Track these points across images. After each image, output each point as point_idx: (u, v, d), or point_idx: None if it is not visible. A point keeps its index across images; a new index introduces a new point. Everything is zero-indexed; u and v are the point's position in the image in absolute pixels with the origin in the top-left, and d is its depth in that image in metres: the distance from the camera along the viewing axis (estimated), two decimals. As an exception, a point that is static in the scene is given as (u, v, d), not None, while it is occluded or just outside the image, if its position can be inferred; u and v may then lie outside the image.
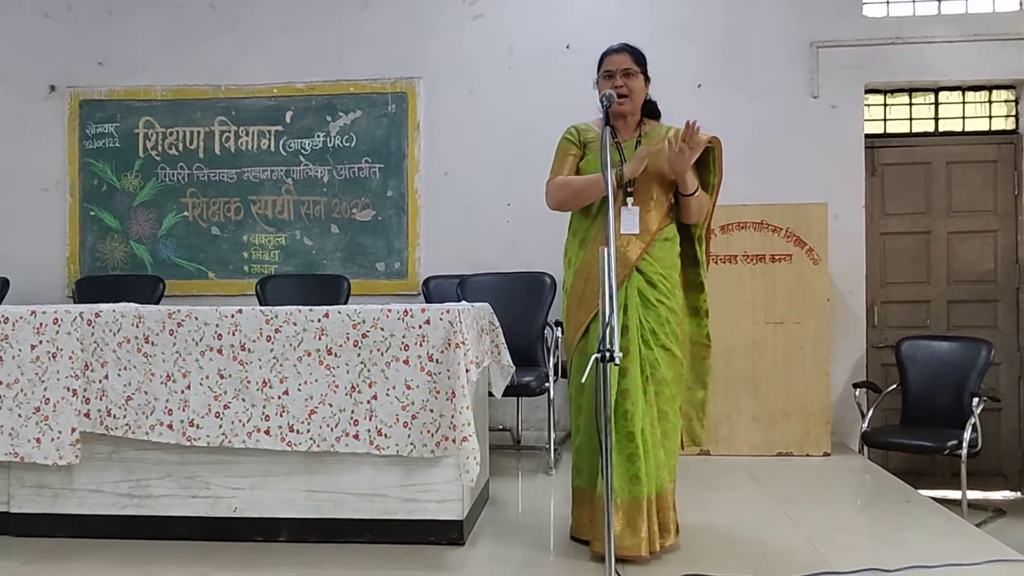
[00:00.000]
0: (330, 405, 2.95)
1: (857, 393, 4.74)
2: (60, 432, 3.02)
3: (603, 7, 5.23)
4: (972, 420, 4.15)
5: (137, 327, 3.05)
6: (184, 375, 3.01)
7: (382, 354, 2.94)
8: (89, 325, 3.07)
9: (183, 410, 3.00)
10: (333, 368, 2.96)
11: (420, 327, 2.93)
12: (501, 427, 5.07)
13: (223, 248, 5.48)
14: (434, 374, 2.91)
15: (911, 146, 5.26)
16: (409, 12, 5.37)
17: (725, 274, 4.50)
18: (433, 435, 2.89)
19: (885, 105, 5.31)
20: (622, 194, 2.87)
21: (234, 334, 3.00)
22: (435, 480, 2.96)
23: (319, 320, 2.98)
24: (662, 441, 2.83)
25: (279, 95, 5.44)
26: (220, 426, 2.98)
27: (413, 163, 5.36)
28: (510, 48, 5.31)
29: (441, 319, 2.93)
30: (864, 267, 5.09)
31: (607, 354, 2.29)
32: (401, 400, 2.92)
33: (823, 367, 4.54)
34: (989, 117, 5.26)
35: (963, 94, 5.26)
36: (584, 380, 2.57)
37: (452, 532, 2.97)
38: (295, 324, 2.98)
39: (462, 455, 2.78)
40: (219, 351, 3.00)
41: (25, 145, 5.59)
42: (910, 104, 5.30)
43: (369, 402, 2.93)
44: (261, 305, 4.34)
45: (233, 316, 3.01)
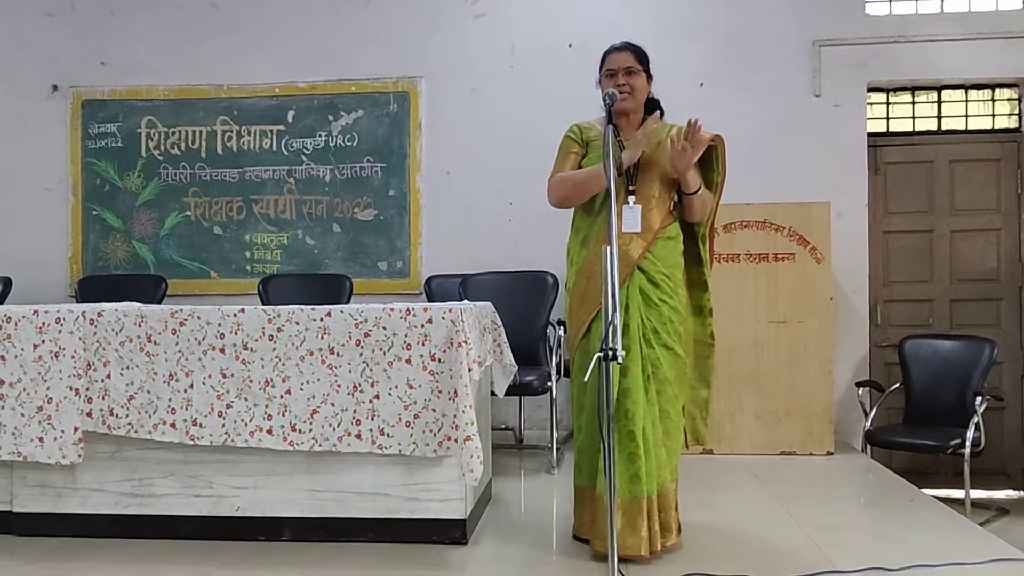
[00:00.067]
0: (332, 404, 2.95)
1: (860, 392, 4.74)
2: (63, 431, 3.02)
3: (605, 6, 5.23)
4: (975, 419, 4.14)
5: (139, 326, 3.05)
6: (187, 374, 3.01)
7: (384, 353, 2.94)
8: (91, 324, 3.07)
9: (186, 409, 3.00)
10: (335, 367, 2.96)
11: (422, 326, 2.93)
12: (503, 426, 5.07)
13: (225, 248, 5.49)
14: (436, 373, 2.91)
15: (914, 145, 5.25)
16: (411, 11, 5.37)
17: (728, 273, 4.50)
18: (435, 434, 2.89)
19: (888, 104, 5.30)
20: (624, 192, 2.87)
21: (236, 333, 3.00)
22: (438, 479, 2.96)
23: (321, 319, 2.98)
24: (664, 440, 2.82)
25: (281, 95, 5.45)
26: (223, 425, 2.98)
27: (415, 162, 5.35)
28: (512, 47, 5.31)
29: (443, 318, 2.93)
30: (867, 266, 5.09)
31: (609, 353, 2.29)
32: (403, 399, 2.92)
33: (826, 366, 4.54)
34: (992, 116, 5.25)
35: (966, 92, 5.25)
36: (586, 379, 2.57)
37: (455, 531, 2.96)
38: (297, 323, 2.98)
39: (465, 454, 2.78)
40: (221, 350, 3.00)
41: (27, 145, 5.60)
42: (913, 103, 5.29)
43: (371, 401, 2.93)
44: (263, 304, 4.34)
45: (235, 315, 3.01)
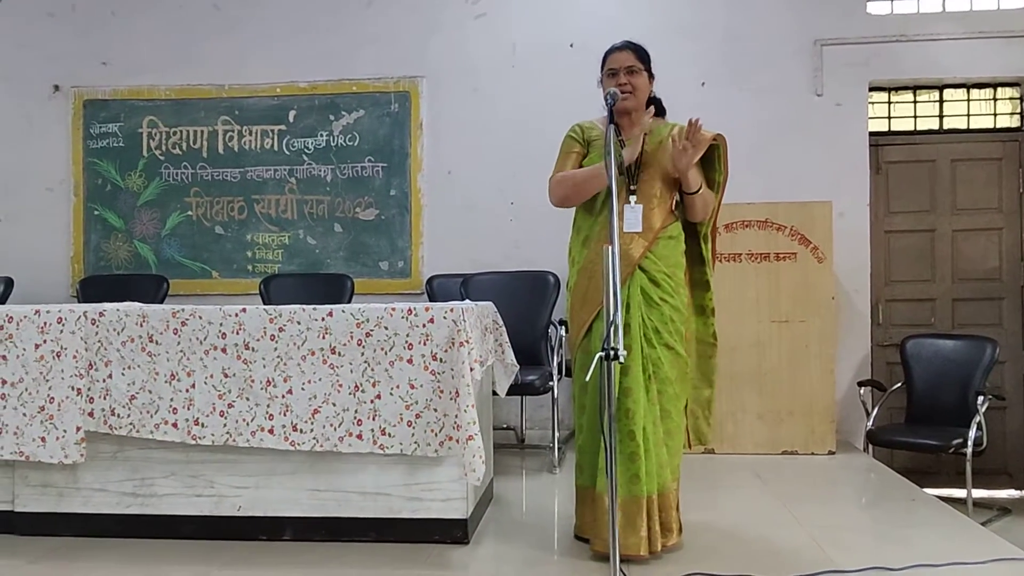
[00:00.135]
0: (333, 404, 2.95)
1: (862, 391, 4.74)
2: (65, 431, 3.02)
3: (606, 5, 5.23)
4: (977, 418, 4.14)
5: (141, 326, 3.05)
6: (188, 374, 3.01)
7: (386, 353, 2.94)
8: (93, 324, 3.07)
9: (188, 409, 3.00)
10: (337, 367, 2.96)
11: (424, 326, 2.93)
12: (505, 426, 5.07)
13: (227, 247, 5.49)
14: (438, 373, 2.91)
15: (915, 144, 5.25)
16: (412, 11, 5.37)
17: (730, 272, 4.49)
18: (437, 434, 2.89)
19: (889, 103, 5.29)
20: (625, 192, 2.87)
21: (238, 333, 3.00)
22: (439, 479, 2.96)
23: (323, 319, 2.98)
24: (665, 440, 2.82)
25: (282, 94, 5.45)
26: (225, 425, 2.98)
27: (416, 162, 5.35)
28: (513, 47, 5.31)
29: (445, 318, 2.93)
30: (869, 265, 5.08)
31: (611, 352, 2.28)
32: (405, 399, 2.92)
33: (828, 365, 4.53)
34: (994, 115, 5.25)
35: (968, 91, 5.24)
36: (588, 379, 2.57)
37: (456, 531, 2.96)
38: (299, 323, 2.98)
39: (468, 454, 2.77)
40: (223, 350, 3.00)
41: (29, 145, 5.61)
42: (914, 102, 5.29)
43: (373, 401, 2.93)
44: (265, 304, 4.34)
45: (237, 315, 3.01)
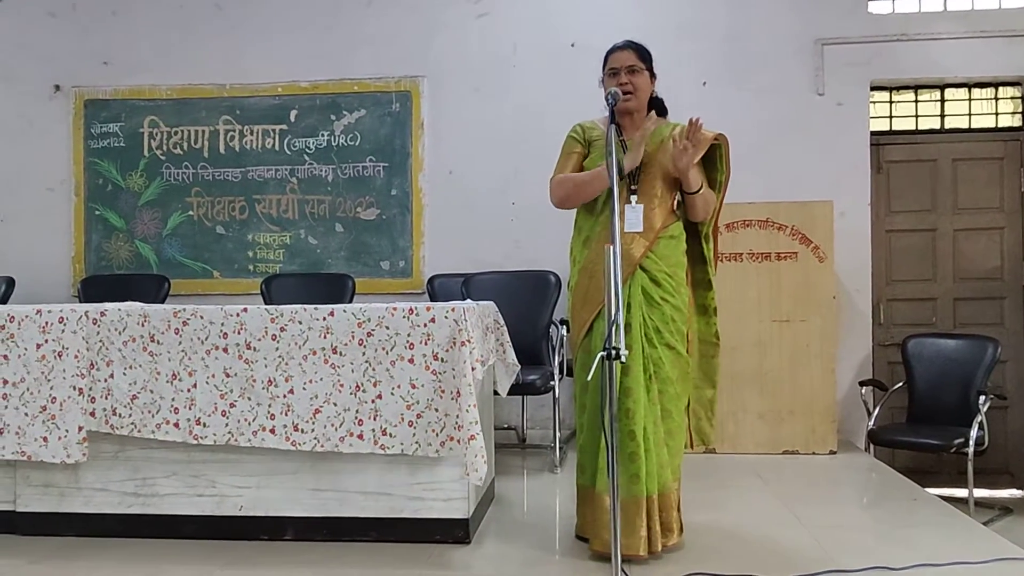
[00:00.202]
0: (335, 404, 2.95)
1: (863, 391, 4.73)
2: (67, 431, 3.02)
3: (607, 5, 5.22)
4: (979, 418, 4.13)
5: (142, 326, 3.05)
6: (190, 374, 3.01)
7: (387, 353, 2.94)
8: (94, 324, 3.07)
9: (189, 408, 3.00)
10: (338, 367, 2.96)
11: (425, 325, 2.93)
12: (506, 426, 5.06)
13: (228, 247, 5.49)
14: (439, 373, 2.91)
15: (917, 143, 5.25)
16: (413, 11, 5.37)
17: (731, 272, 4.49)
18: (438, 434, 2.89)
19: (891, 102, 5.29)
20: (626, 192, 2.87)
21: (239, 333, 3.00)
22: (441, 479, 2.96)
23: (324, 319, 2.98)
24: (666, 440, 2.81)
25: (283, 94, 5.45)
26: (226, 424, 2.98)
27: (417, 162, 5.35)
28: (514, 46, 5.31)
29: (446, 317, 2.93)
30: (870, 265, 5.08)
31: (612, 352, 2.28)
32: (406, 399, 2.92)
33: (829, 365, 4.53)
34: (995, 114, 5.24)
35: (969, 91, 5.24)
36: (589, 378, 2.57)
37: (458, 531, 2.96)
38: (300, 323, 2.98)
39: (470, 454, 2.77)
40: (224, 350, 3.00)
41: (30, 145, 5.61)
42: (916, 101, 5.28)
43: (374, 401, 2.93)
44: (266, 304, 4.34)
45: (238, 315, 3.01)
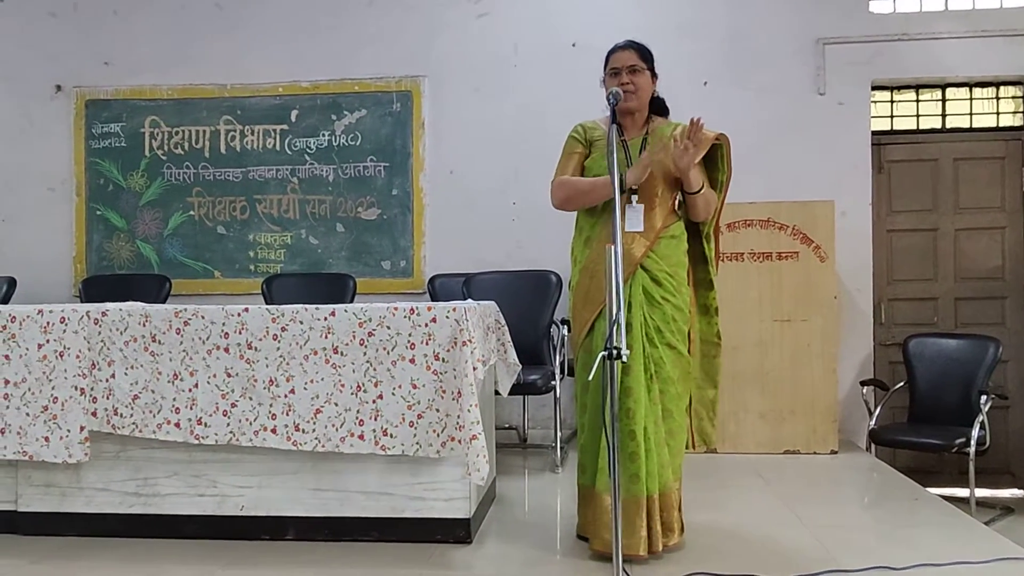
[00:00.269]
0: (336, 404, 2.94)
1: (864, 391, 4.73)
2: (69, 431, 3.02)
3: (608, 5, 5.22)
4: (980, 418, 4.13)
5: (144, 326, 3.05)
6: (191, 373, 3.02)
7: (388, 353, 2.94)
8: (96, 324, 3.07)
9: (190, 408, 3.00)
10: (339, 367, 2.96)
11: (426, 325, 2.93)
12: (507, 425, 5.06)
13: (229, 247, 5.49)
14: (440, 373, 2.91)
15: (918, 143, 5.24)
16: (414, 11, 5.37)
17: (732, 272, 4.49)
18: (439, 435, 2.89)
19: (892, 102, 5.28)
20: (627, 192, 2.86)
21: (241, 333, 3.00)
22: (442, 478, 2.96)
23: (325, 319, 2.98)
24: (667, 440, 2.81)
25: (284, 94, 5.45)
26: (228, 424, 2.98)
27: (418, 161, 5.35)
28: (515, 46, 5.31)
29: (447, 317, 2.92)
30: (871, 264, 5.08)
31: (614, 351, 2.28)
32: (407, 399, 2.92)
33: (830, 365, 4.53)
34: (996, 113, 5.24)
35: (970, 90, 5.23)
36: (590, 378, 2.57)
37: (459, 530, 2.97)
38: (301, 323, 2.98)
39: (472, 453, 2.76)
40: (226, 350, 3.01)
41: (31, 145, 5.61)
42: (917, 101, 5.28)
43: (375, 401, 2.93)
44: (267, 304, 4.34)
45: (240, 315, 3.02)
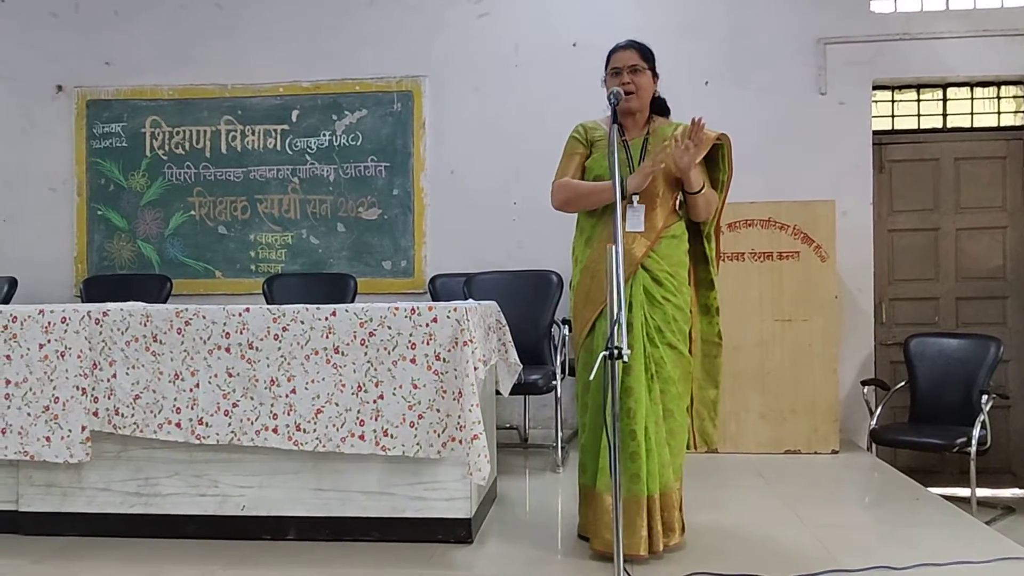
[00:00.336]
0: (336, 404, 2.94)
1: (865, 390, 4.73)
2: (70, 431, 3.03)
3: (609, 5, 5.22)
4: (981, 417, 4.13)
5: (145, 326, 3.05)
6: (192, 373, 3.02)
7: (389, 353, 2.94)
8: (97, 324, 3.07)
9: (192, 408, 3.00)
10: (340, 367, 2.96)
11: (427, 325, 2.93)
12: (508, 425, 5.07)
13: (230, 247, 5.49)
14: (441, 373, 2.91)
15: (919, 142, 5.24)
16: (415, 11, 5.37)
17: (733, 271, 4.49)
18: (440, 435, 2.88)
19: (893, 101, 5.28)
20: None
21: (242, 332, 3.00)
22: (443, 478, 2.96)
23: (326, 319, 2.98)
24: (668, 440, 2.81)
25: (285, 94, 5.45)
26: (229, 424, 2.98)
27: (419, 161, 5.35)
28: (516, 46, 5.31)
29: (448, 317, 2.92)
30: (872, 264, 5.08)
31: (615, 351, 2.28)
32: (408, 399, 2.92)
33: (831, 364, 4.53)
34: (998, 113, 5.24)
35: (971, 90, 5.23)
36: (591, 378, 2.56)
37: (460, 530, 2.97)
38: (302, 323, 2.98)
39: (473, 453, 2.76)
40: (227, 349, 3.01)
41: (32, 145, 5.62)
42: (918, 100, 5.28)
43: (375, 401, 2.93)
44: (268, 304, 4.34)
45: (241, 315, 3.02)
